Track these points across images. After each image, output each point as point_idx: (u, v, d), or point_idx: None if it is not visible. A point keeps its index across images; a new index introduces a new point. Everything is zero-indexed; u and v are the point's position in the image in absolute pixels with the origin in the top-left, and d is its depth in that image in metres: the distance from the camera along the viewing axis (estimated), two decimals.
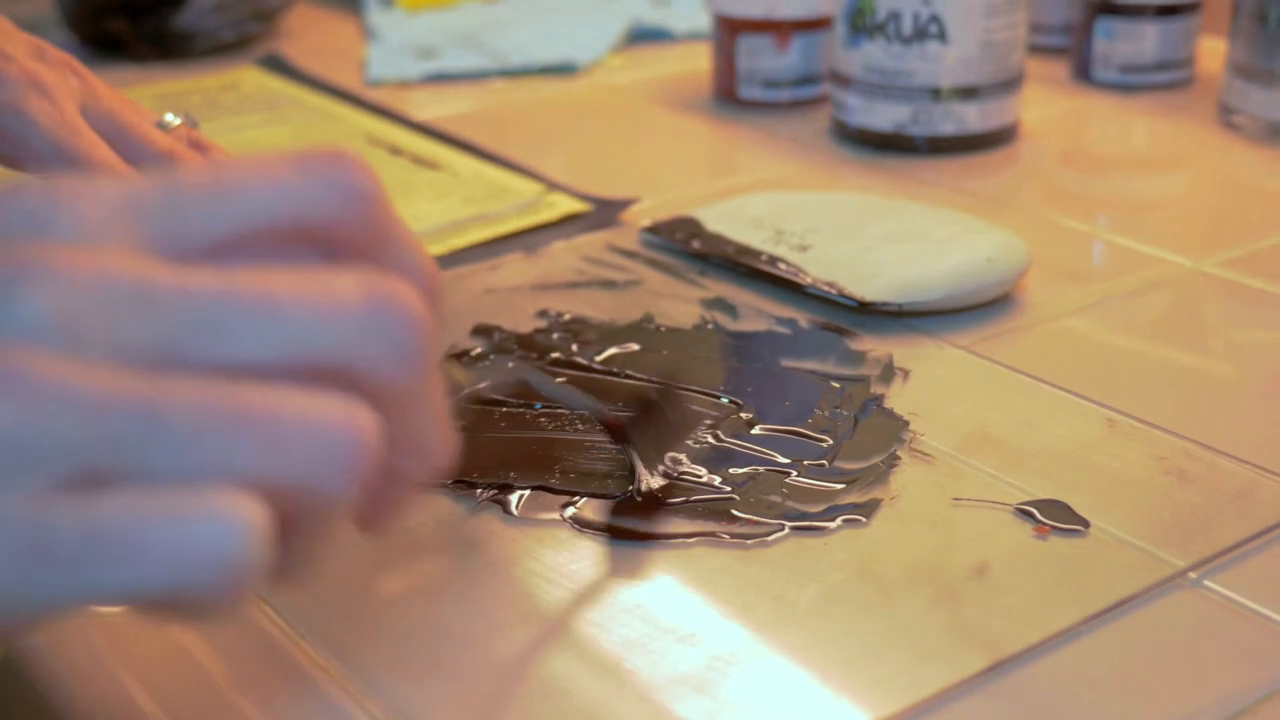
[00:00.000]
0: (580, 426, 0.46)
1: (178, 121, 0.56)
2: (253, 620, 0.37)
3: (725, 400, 0.47)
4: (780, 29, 0.78)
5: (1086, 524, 0.41)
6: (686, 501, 0.42)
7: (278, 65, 0.89)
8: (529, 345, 0.51)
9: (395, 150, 0.73)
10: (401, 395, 0.28)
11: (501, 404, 0.47)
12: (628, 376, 0.49)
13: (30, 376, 0.25)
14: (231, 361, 0.26)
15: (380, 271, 0.29)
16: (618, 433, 0.43)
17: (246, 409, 0.26)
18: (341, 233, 0.30)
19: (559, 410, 0.46)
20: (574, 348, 0.51)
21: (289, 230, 0.29)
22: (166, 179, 0.29)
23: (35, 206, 0.28)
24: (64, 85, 0.51)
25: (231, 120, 0.78)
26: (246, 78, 0.87)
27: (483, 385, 0.42)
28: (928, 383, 0.49)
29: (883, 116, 0.72)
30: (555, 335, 0.52)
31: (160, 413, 0.25)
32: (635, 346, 0.51)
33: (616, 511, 0.41)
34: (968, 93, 0.71)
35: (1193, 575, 0.39)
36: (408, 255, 0.31)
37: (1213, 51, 0.82)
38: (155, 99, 0.81)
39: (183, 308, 0.26)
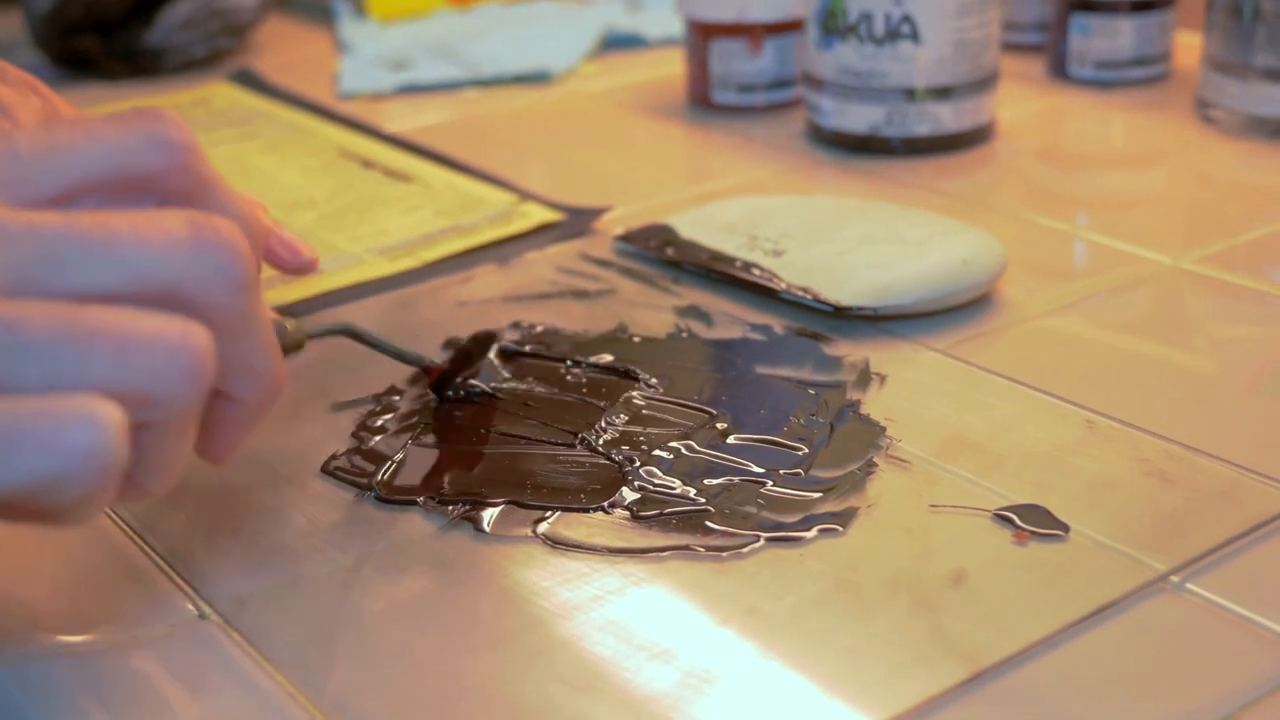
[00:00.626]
0: (554, 441, 0.45)
1: None
2: (220, 645, 0.37)
3: (699, 410, 0.47)
4: (752, 32, 0.77)
5: (1066, 528, 0.40)
6: (660, 514, 0.41)
7: (250, 80, 0.88)
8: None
9: (368, 163, 0.72)
10: (230, 318, 0.33)
11: (478, 422, 0.46)
12: (587, 365, 0.50)
13: None
14: (76, 289, 0.30)
15: (205, 212, 0.33)
16: (436, 379, 0.48)
17: (95, 325, 0.30)
18: (165, 182, 0.34)
19: (530, 424, 0.46)
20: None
21: (119, 182, 0.33)
22: (2, 139, 0.33)
23: None
24: (26, 105, 0.50)
25: (204, 136, 0.78)
26: (218, 93, 0.86)
27: (310, 331, 0.43)
28: (904, 387, 0.48)
29: (857, 118, 0.71)
30: (527, 347, 0.51)
31: (18, 328, 0.29)
32: (609, 357, 0.50)
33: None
34: (942, 93, 0.70)
35: (1175, 579, 0.38)
36: (227, 200, 0.35)
37: (1189, 46, 0.82)
38: None
39: (30, 242, 0.30)
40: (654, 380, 0.49)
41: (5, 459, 0.28)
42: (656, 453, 0.44)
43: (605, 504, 0.42)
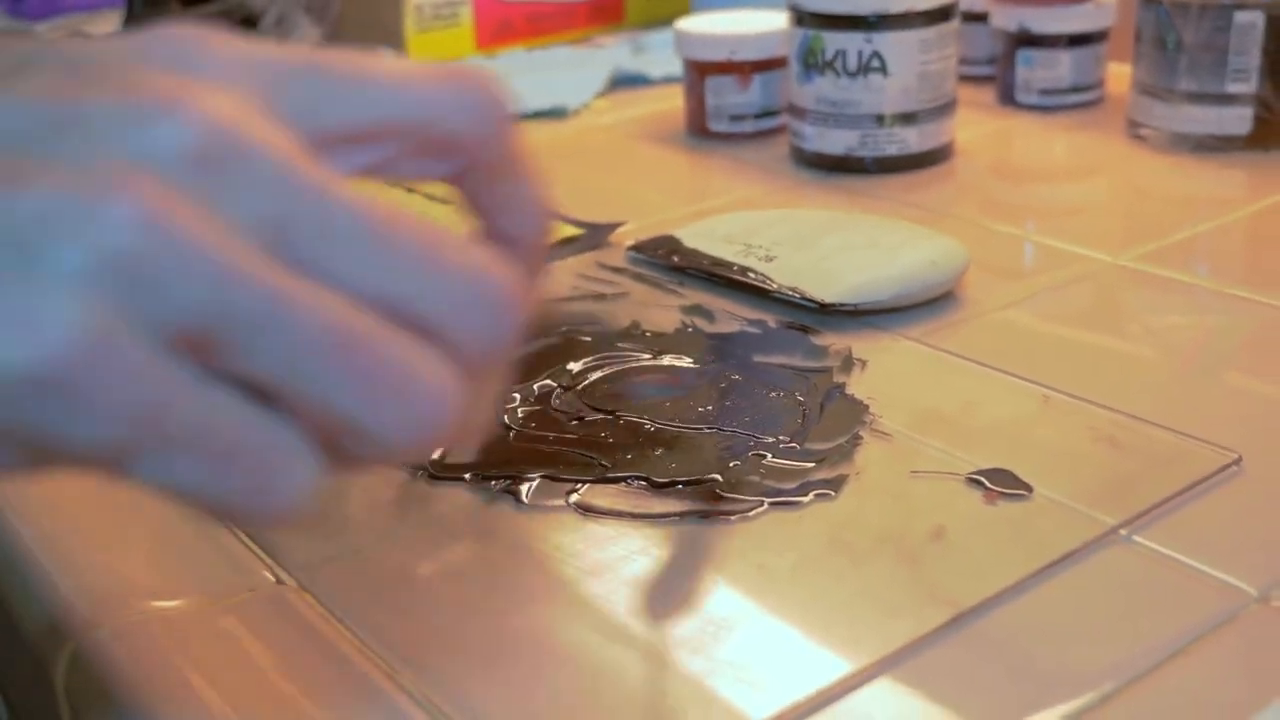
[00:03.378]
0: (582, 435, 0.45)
1: None
2: (295, 608, 0.36)
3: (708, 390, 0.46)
4: (742, 69, 0.77)
5: (1030, 489, 0.40)
6: (675, 484, 0.41)
7: None
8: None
9: (411, 189, 0.72)
10: (479, 361, 0.25)
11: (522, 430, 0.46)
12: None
13: (176, 222, 0.21)
14: (336, 279, 0.23)
15: (499, 245, 0.26)
16: None
17: (357, 344, 0.22)
18: (470, 149, 0.26)
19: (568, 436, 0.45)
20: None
21: (421, 135, 0.25)
22: (313, 57, 0.25)
23: (186, 47, 0.24)
24: None
25: None
26: None
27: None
28: (883, 371, 0.48)
29: (834, 142, 0.71)
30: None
31: (282, 311, 0.22)
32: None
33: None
34: (908, 118, 0.70)
35: (1124, 532, 0.38)
36: (523, 187, 0.28)
37: (1119, 74, 0.82)
38: None
39: (315, 209, 0.23)
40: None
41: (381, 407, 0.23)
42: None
43: (628, 476, 0.41)
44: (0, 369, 0.20)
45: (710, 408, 0.45)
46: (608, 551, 0.38)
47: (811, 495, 0.40)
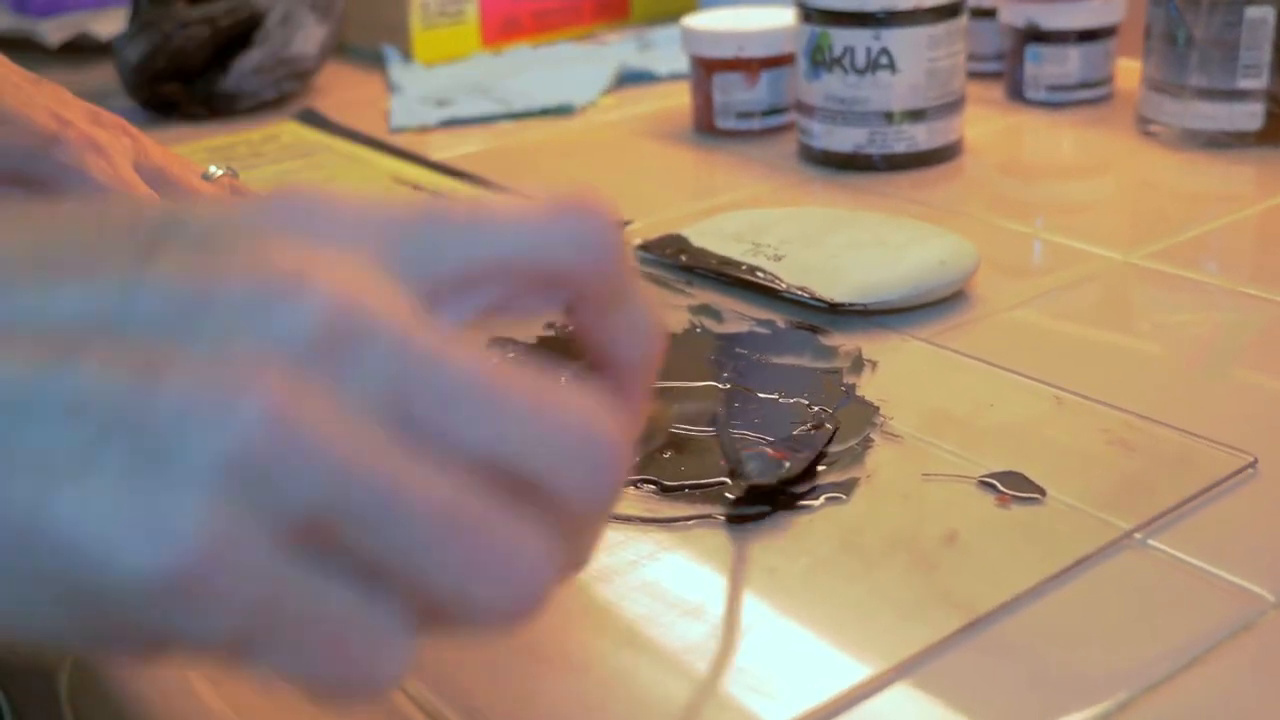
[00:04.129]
0: None
1: (220, 172, 0.55)
2: None
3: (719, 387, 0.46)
4: (749, 66, 0.76)
5: (1043, 492, 0.39)
6: (684, 487, 0.40)
7: (312, 118, 0.87)
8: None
9: (417, 187, 0.71)
10: (583, 515, 0.25)
11: None
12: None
13: (302, 416, 0.21)
14: (450, 444, 0.23)
15: (609, 370, 0.27)
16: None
17: (468, 527, 0.22)
18: (579, 280, 0.26)
19: None
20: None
21: (530, 271, 0.25)
22: (427, 207, 0.25)
23: (307, 209, 0.24)
24: (118, 145, 0.50)
25: (273, 168, 0.77)
26: (285, 130, 0.86)
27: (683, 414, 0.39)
28: (893, 372, 0.47)
29: (843, 139, 0.70)
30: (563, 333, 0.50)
31: (398, 500, 0.22)
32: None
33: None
34: (916, 115, 0.69)
35: (1139, 536, 0.37)
36: (635, 318, 0.27)
37: (1129, 70, 0.81)
38: (206, 151, 0.80)
39: (430, 379, 0.23)
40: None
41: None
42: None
43: (636, 479, 0.41)
44: (130, 570, 0.20)
45: (720, 410, 0.45)
46: (617, 556, 0.37)
47: (822, 499, 0.39)
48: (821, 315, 0.52)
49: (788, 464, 0.40)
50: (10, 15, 1.10)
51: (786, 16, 0.75)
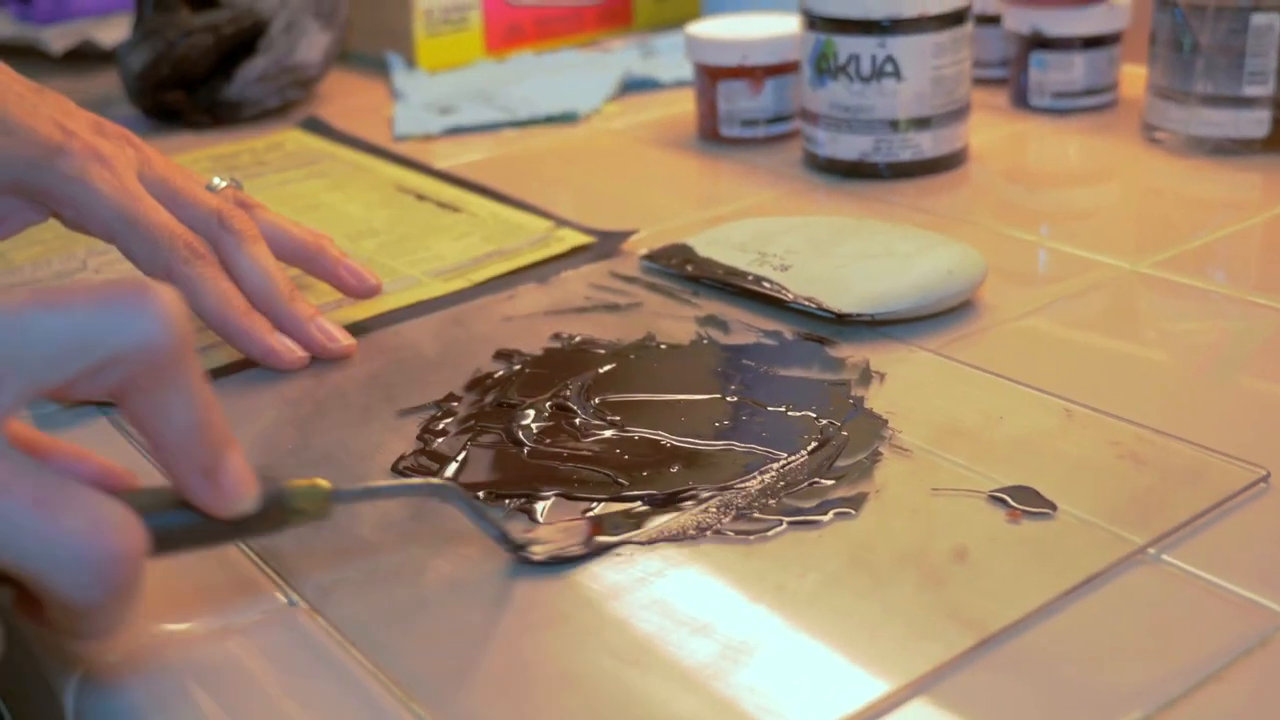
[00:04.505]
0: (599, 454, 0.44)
1: (224, 183, 0.54)
2: (307, 630, 0.36)
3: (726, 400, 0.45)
4: (754, 74, 0.76)
5: (1054, 507, 0.39)
6: (695, 501, 0.40)
7: (316, 126, 0.87)
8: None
9: (421, 196, 0.71)
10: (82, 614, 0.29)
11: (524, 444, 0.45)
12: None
13: None
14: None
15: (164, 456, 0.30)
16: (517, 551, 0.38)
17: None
18: (124, 368, 0.28)
19: (581, 452, 0.43)
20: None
21: (80, 357, 0.28)
22: None
23: None
24: (122, 155, 0.49)
25: (277, 176, 0.76)
26: (289, 138, 0.85)
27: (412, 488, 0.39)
28: (902, 384, 0.47)
29: (848, 147, 0.70)
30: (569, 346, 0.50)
31: None
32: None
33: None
34: (921, 123, 0.69)
35: (1152, 551, 0.37)
36: (182, 404, 0.30)
37: (1134, 76, 0.81)
38: (210, 160, 0.80)
39: None
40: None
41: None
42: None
43: (644, 494, 0.40)
44: None
45: (727, 423, 0.44)
46: (624, 573, 0.37)
47: (831, 514, 0.39)
48: (828, 325, 0.52)
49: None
50: (13, 23, 1.10)
51: (791, 24, 0.75)
